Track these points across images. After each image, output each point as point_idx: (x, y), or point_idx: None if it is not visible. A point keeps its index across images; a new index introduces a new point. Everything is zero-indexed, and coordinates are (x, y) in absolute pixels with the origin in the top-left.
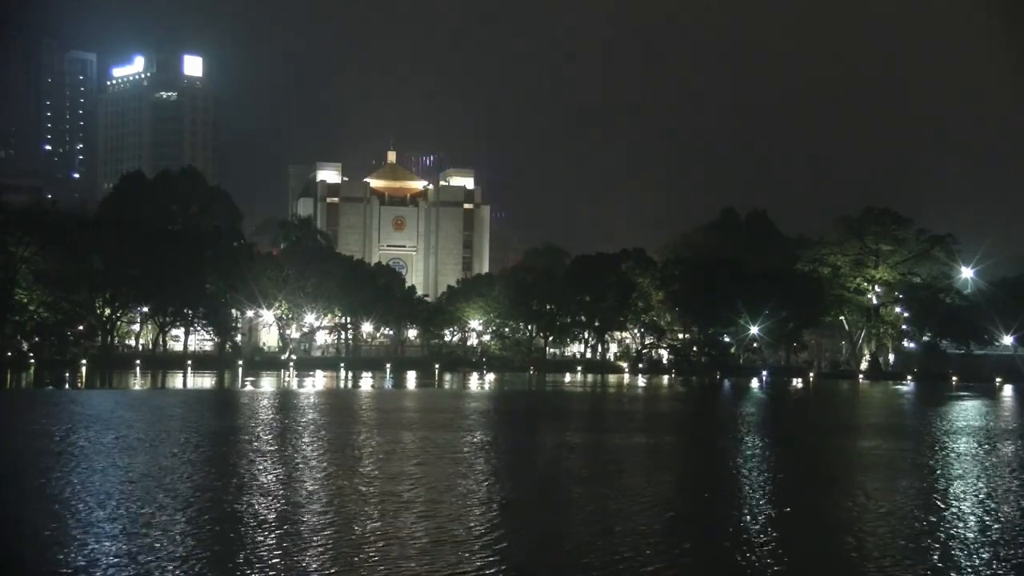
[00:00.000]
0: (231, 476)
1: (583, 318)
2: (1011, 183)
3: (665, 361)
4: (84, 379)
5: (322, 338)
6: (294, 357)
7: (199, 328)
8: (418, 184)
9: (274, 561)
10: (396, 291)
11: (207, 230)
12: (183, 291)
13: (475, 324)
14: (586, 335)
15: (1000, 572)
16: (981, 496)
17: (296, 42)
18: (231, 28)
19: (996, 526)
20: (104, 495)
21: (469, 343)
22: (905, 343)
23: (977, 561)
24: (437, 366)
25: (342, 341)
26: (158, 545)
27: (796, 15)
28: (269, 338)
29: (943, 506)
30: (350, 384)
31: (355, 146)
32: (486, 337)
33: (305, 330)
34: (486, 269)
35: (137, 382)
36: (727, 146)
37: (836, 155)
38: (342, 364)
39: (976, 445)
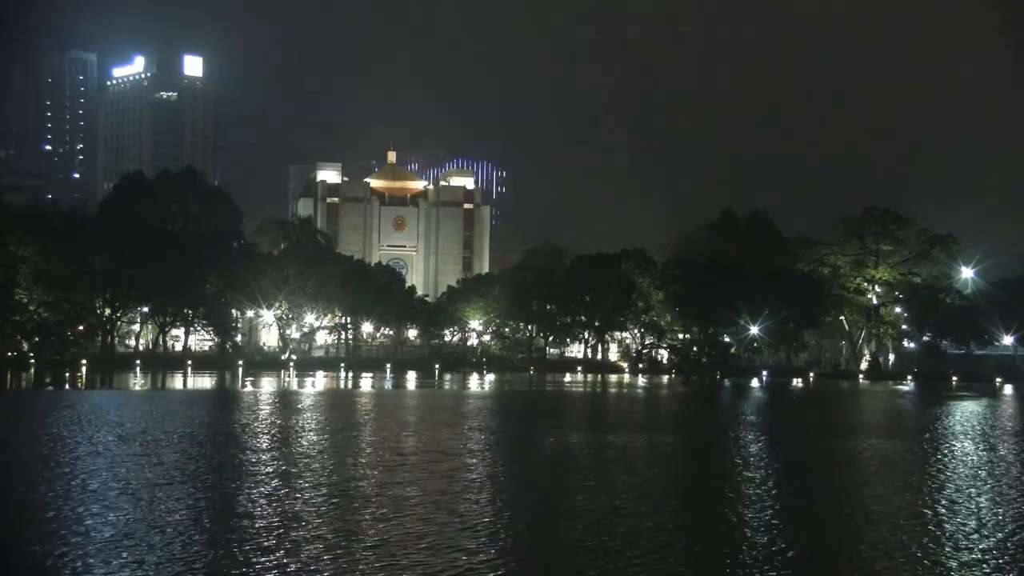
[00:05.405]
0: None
1: (583, 318)
2: (1011, 183)
3: (665, 361)
4: (84, 379)
5: (322, 338)
6: (294, 357)
7: (199, 328)
8: (418, 184)
9: None
10: (396, 291)
11: (207, 230)
12: (183, 291)
13: (475, 324)
14: (586, 335)
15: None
16: (989, 498)
17: (297, 42)
18: (231, 28)
19: (1003, 528)
20: None
21: (469, 343)
22: (905, 343)
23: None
24: (437, 366)
25: (342, 341)
26: None
27: (796, 16)
28: (269, 338)
29: (952, 509)
30: (351, 384)
31: (355, 146)
32: (486, 337)
33: (305, 330)
34: (486, 269)
35: (138, 382)
36: (727, 146)
37: (836, 155)
38: (342, 364)
39: (979, 447)
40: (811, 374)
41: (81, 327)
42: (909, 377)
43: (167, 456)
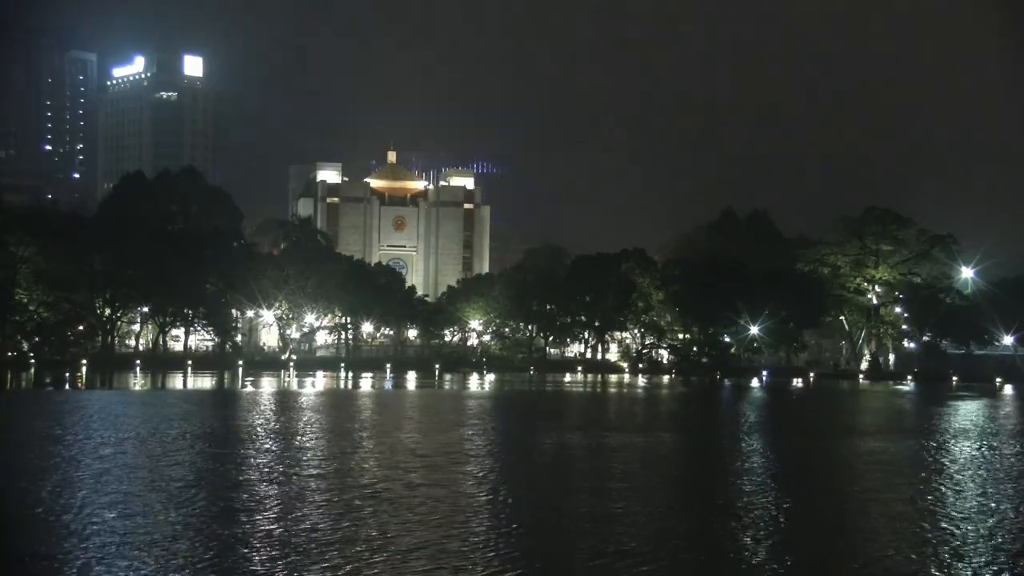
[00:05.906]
0: None
1: (583, 318)
2: (1011, 183)
3: (665, 361)
4: (84, 379)
5: (322, 338)
6: (294, 357)
7: (199, 328)
8: (418, 184)
9: None
10: (396, 291)
11: (207, 230)
12: (183, 291)
13: (475, 324)
14: (586, 335)
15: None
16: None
17: (297, 42)
18: (231, 28)
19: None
20: None
21: (469, 343)
22: (905, 343)
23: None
24: (437, 366)
25: (342, 341)
26: None
27: (796, 16)
28: (269, 338)
29: (954, 509)
30: (351, 385)
31: (355, 146)
32: (486, 337)
33: (305, 330)
34: (486, 269)
35: (138, 382)
36: (727, 146)
37: (836, 155)
38: (342, 364)
39: (980, 447)
40: (811, 374)
41: (81, 327)
42: (909, 377)
43: (187, 457)
